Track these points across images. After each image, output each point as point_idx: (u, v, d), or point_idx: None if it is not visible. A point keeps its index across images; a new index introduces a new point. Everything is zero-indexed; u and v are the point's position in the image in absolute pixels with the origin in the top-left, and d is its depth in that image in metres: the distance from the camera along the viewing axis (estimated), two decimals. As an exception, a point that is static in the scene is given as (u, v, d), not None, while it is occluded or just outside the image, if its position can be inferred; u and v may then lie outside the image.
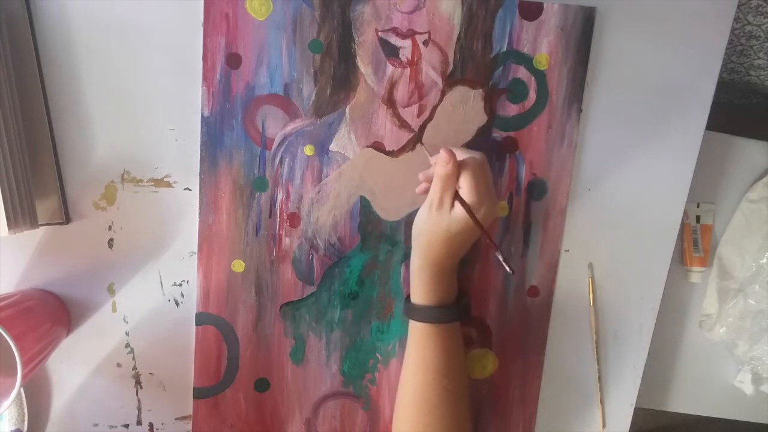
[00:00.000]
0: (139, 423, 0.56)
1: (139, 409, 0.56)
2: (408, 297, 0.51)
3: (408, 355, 0.50)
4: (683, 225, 0.65)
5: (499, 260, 0.46)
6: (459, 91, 0.53)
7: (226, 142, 0.51)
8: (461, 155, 0.46)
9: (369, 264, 0.55)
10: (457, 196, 0.45)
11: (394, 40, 0.51)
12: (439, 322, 0.48)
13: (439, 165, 0.45)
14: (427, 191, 0.47)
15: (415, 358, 0.49)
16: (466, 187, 0.44)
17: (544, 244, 0.56)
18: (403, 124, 0.53)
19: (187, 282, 0.54)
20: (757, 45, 0.71)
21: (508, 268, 0.45)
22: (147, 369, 0.55)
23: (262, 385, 0.56)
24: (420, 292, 0.49)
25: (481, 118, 0.53)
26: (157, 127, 0.51)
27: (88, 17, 0.49)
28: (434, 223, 0.46)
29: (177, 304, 0.54)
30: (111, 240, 0.53)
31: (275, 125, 0.52)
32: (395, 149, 0.53)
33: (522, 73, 0.53)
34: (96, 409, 0.55)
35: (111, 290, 0.53)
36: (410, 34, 0.51)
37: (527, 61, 0.53)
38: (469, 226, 0.45)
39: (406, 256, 0.55)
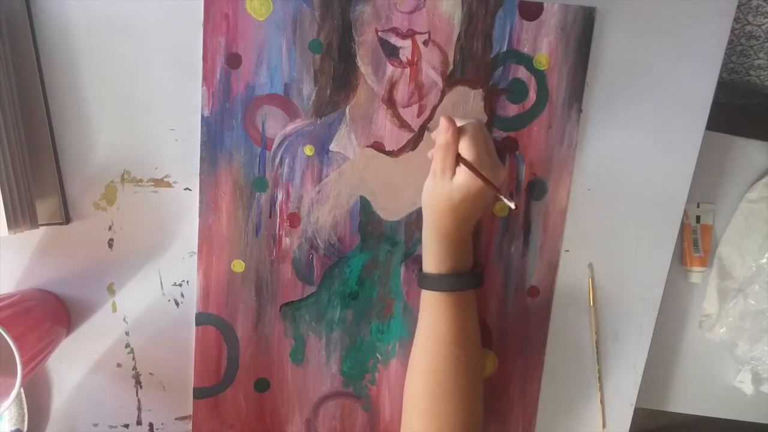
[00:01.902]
0: (139, 423, 0.56)
1: (139, 409, 0.56)
2: (421, 268, 0.51)
3: (420, 325, 0.50)
4: (683, 225, 0.65)
5: (504, 201, 0.45)
6: (459, 91, 0.53)
7: (226, 142, 0.51)
8: (459, 123, 0.46)
9: (369, 264, 0.55)
10: (458, 157, 0.45)
11: (394, 40, 0.51)
12: (449, 289, 0.48)
13: (440, 133, 0.45)
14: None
15: (427, 327, 0.49)
16: (465, 149, 0.44)
17: (544, 244, 0.56)
18: (403, 124, 0.53)
19: (187, 282, 0.54)
20: (757, 45, 0.71)
21: (512, 205, 0.44)
22: (147, 369, 0.55)
23: (262, 385, 0.56)
24: (430, 260, 0.49)
25: (481, 118, 0.53)
26: (157, 127, 0.51)
27: (88, 17, 0.49)
28: (438, 192, 0.46)
29: (177, 304, 0.54)
30: (111, 240, 0.53)
31: (275, 125, 0.52)
32: (395, 149, 0.53)
33: (522, 73, 0.53)
34: (96, 409, 0.55)
35: (111, 290, 0.53)
36: (410, 34, 0.51)
37: (527, 61, 0.53)
38: (472, 194, 0.45)
39: (406, 256, 0.55)
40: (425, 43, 0.52)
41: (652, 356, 0.59)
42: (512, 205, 0.44)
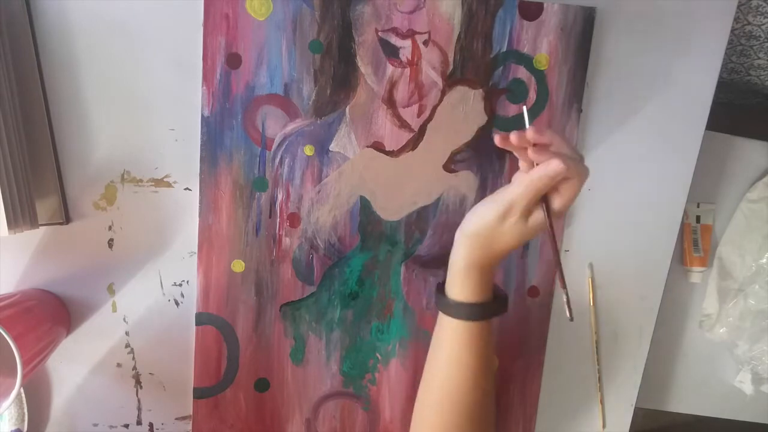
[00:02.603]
0: (139, 423, 0.56)
1: (139, 409, 0.56)
2: (440, 289, 0.47)
3: (441, 354, 0.46)
4: (683, 225, 0.65)
5: (564, 301, 0.41)
6: (459, 91, 0.53)
7: (226, 142, 0.51)
8: (567, 151, 0.39)
9: (369, 264, 0.55)
10: (546, 202, 0.40)
11: (394, 40, 0.51)
12: (482, 318, 0.45)
13: (547, 171, 0.38)
14: (505, 142, 0.40)
15: (450, 356, 0.45)
16: (560, 201, 0.39)
17: (544, 244, 0.56)
18: (403, 124, 0.53)
19: (187, 282, 0.54)
20: (757, 45, 0.71)
21: (569, 315, 0.40)
22: (147, 369, 0.55)
23: (262, 385, 0.56)
24: (463, 290, 0.44)
25: (481, 118, 0.53)
26: (157, 127, 0.51)
27: (88, 17, 0.49)
28: (507, 230, 0.41)
29: (177, 304, 0.54)
30: (111, 240, 0.53)
31: (275, 125, 0.52)
32: (395, 149, 0.53)
33: (522, 73, 0.53)
34: (96, 409, 0.55)
35: (111, 290, 0.53)
36: (410, 34, 0.51)
37: (527, 61, 0.53)
38: (537, 234, 0.42)
39: (406, 256, 0.55)
40: (425, 43, 0.52)
41: (652, 356, 0.59)
42: (569, 315, 0.40)
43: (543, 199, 0.40)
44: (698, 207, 0.66)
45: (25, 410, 0.53)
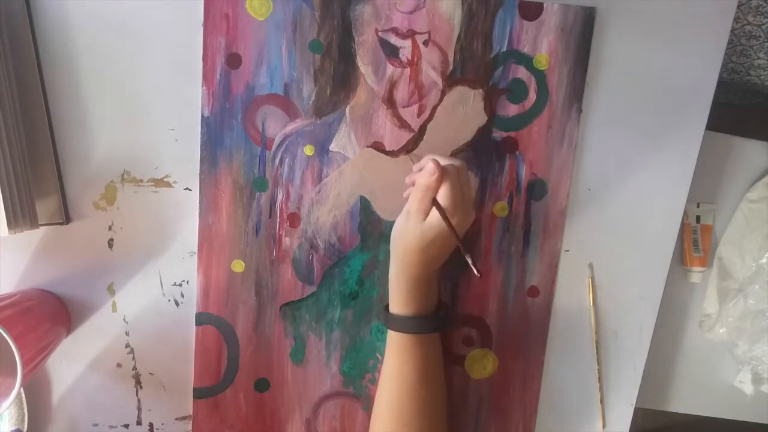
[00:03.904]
0: (139, 423, 0.56)
1: (139, 409, 0.56)
2: (387, 306, 0.51)
3: (385, 365, 0.50)
4: (683, 225, 0.65)
5: (468, 263, 0.44)
6: (459, 91, 0.53)
7: (226, 142, 0.51)
8: (442, 162, 0.45)
9: (369, 264, 0.55)
10: (433, 200, 0.45)
11: (394, 40, 0.51)
12: (416, 332, 0.48)
13: (424, 175, 0.44)
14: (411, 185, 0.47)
15: (393, 368, 0.49)
16: (442, 193, 0.44)
17: (544, 244, 0.56)
18: (403, 124, 0.53)
19: (187, 282, 0.54)
20: (757, 45, 0.71)
21: (476, 272, 0.43)
22: (147, 369, 0.55)
23: (262, 385, 0.56)
24: (397, 301, 0.49)
25: (481, 118, 0.53)
26: (157, 127, 0.51)
27: (88, 17, 0.49)
28: (410, 231, 0.46)
29: (177, 304, 0.54)
30: (111, 240, 0.53)
31: (275, 125, 0.52)
32: (395, 149, 0.53)
33: (522, 73, 0.53)
34: (96, 409, 0.55)
35: (111, 290, 0.53)
36: (410, 34, 0.51)
37: (527, 61, 0.53)
38: (443, 234, 0.45)
39: (406, 256, 0.55)
40: (425, 43, 0.52)
41: (652, 356, 0.59)
42: (476, 272, 0.43)
43: (434, 202, 0.45)
44: (698, 207, 0.66)
45: (25, 410, 0.53)
